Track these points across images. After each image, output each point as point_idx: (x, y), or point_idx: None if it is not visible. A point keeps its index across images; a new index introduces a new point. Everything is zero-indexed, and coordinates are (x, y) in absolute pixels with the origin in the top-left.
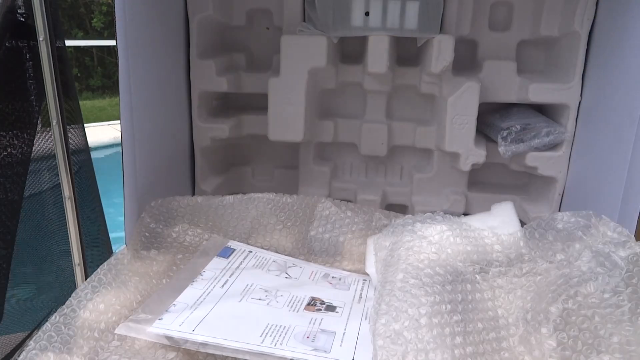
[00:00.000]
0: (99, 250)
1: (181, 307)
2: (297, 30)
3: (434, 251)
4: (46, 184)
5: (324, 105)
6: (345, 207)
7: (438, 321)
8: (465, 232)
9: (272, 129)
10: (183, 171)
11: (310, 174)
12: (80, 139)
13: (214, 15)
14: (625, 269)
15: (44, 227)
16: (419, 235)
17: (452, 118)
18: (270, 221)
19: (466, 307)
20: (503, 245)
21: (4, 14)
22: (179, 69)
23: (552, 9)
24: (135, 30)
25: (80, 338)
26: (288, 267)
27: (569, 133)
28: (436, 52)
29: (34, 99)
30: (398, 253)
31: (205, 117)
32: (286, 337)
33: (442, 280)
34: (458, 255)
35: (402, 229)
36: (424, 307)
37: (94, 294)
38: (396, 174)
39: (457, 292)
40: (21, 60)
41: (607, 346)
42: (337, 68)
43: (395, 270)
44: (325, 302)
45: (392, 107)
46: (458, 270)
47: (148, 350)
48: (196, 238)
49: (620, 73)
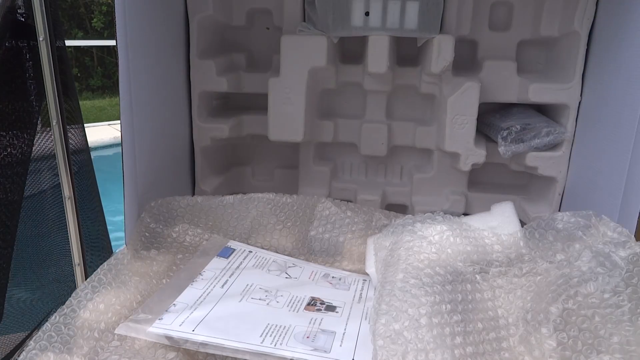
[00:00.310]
0: (99, 250)
1: (181, 307)
2: (297, 30)
3: (434, 251)
4: (46, 184)
5: (324, 105)
6: (345, 207)
7: (438, 321)
8: (465, 232)
9: (272, 129)
10: (183, 171)
11: (310, 174)
12: (80, 139)
13: (214, 15)
14: (625, 269)
15: (44, 227)
16: (419, 236)
17: (452, 118)
18: (270, 221)
19: (466, 307)
20: (503, 245)
21: (4, 14)
22: (179, 69)
23: (552, 9)
24: (135, 30)
25: (80, 338)
26: (288, 267)
27: (569, 133)
28: (436, 52)
29: (34, 99)
30: (398, 253)
31: (205, 117)
32: (286, 337)
33: (442, 280)
34: (458, 255)
35: (402, 229)
36: (424, 307)
37: (94, 294)
38: (396, 174)
39: (457, 292)
40: (21, 60)
41: (607, 346)
42: (337, 68)
43: (395, 270)
44: (325, 302)
45: (392, 107)
46: (458, 270)
47: (148, 350)
48: (196, 238)
49: (620, 73)
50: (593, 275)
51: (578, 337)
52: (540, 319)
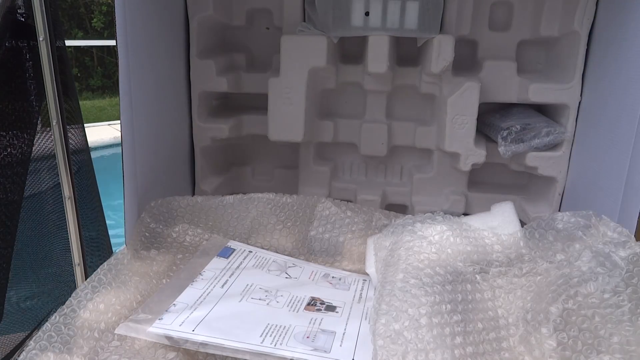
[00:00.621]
0: (99, 250)
1: (181, 307)
2: (297, 30)
3: (434, 251)
4: (46, 184)
5: (324, 105)
6: (345, 207)
7: (438, 321)
8: (465, 232)
9: (272, 129)
10: (183, 171)
11: (310, 174)
12: (80, 139)
13: (214, 15)
14: (625, 269)
15: (44, 227)
16: (419, 235)
17: (452, 118)
18: (270, 221)
19: (466, 307)
20: (503, 245)
21: (4, 14)
22: (179, 69)
23: (552, 9)
24: (135, 30)
25: (80, 338)
26: (288, 267)
27: (569, 133)
28: (436, 52)
29: (34, 99)
30: (398, 253)
31: (205, 117)
32: (286, 337)
33: (442, 280)
34: (458, 255)
35: (402, 229)
36: (424, 307)
37: (94, 294)
38: (396, 174)
39: (457, 292)
40: (21, 60)
41: (607, 346)
42: (337, 68)
43: (395, 270)
44: (325, 302)
45: (392, 107)
46: (458, 271)
47: (148, 350)
48: (196, 238)
49: (620, 73)
50: (593, 275)
51: (578, 337)
52: (540, 319)
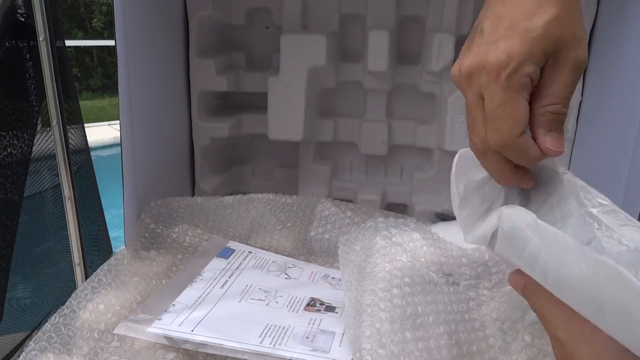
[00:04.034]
0: (98, 250)
1: (180, 307)
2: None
3: (409, 259)
4: (46, 184)
5: (324, 104)
6: (345, 207)
7: (421, 335)
8: (436, 242)
9: (271, 128)
10: (183, 171)
11: (310, 173)
12: (80, 139)
13: (213, 14)
14: None
15: (44, 227)
16: (394, 242)
17: (453, 117)
18: (270, 222)
19: (447, 318)
20: (468, 258)
21: (4, 14)
22: (179, 68)
23: None
24: (135, 29)
25: (80, 339)
26: (288, 268)
27: (569, 133)
28: (436, 50)
29: (34, 99)
30: (374, 259)
31: (205, 117)
32: (285, 337)
33: (421, 290)
34: (431, 265)
35: (374, 232)
36: (407, 320)
37: (94, 295)
38: (396, 173)
39: (437, 302)
40: (21, 60)
41: None
42: (336, 66)
43: (374, 279)
44: (324, 303)
45: (392, 106)
46: (434, 281)
47: (148, 351)
48: (196, 239)
49: (621, 73)
50: None
51: None
52: (517, 328)
